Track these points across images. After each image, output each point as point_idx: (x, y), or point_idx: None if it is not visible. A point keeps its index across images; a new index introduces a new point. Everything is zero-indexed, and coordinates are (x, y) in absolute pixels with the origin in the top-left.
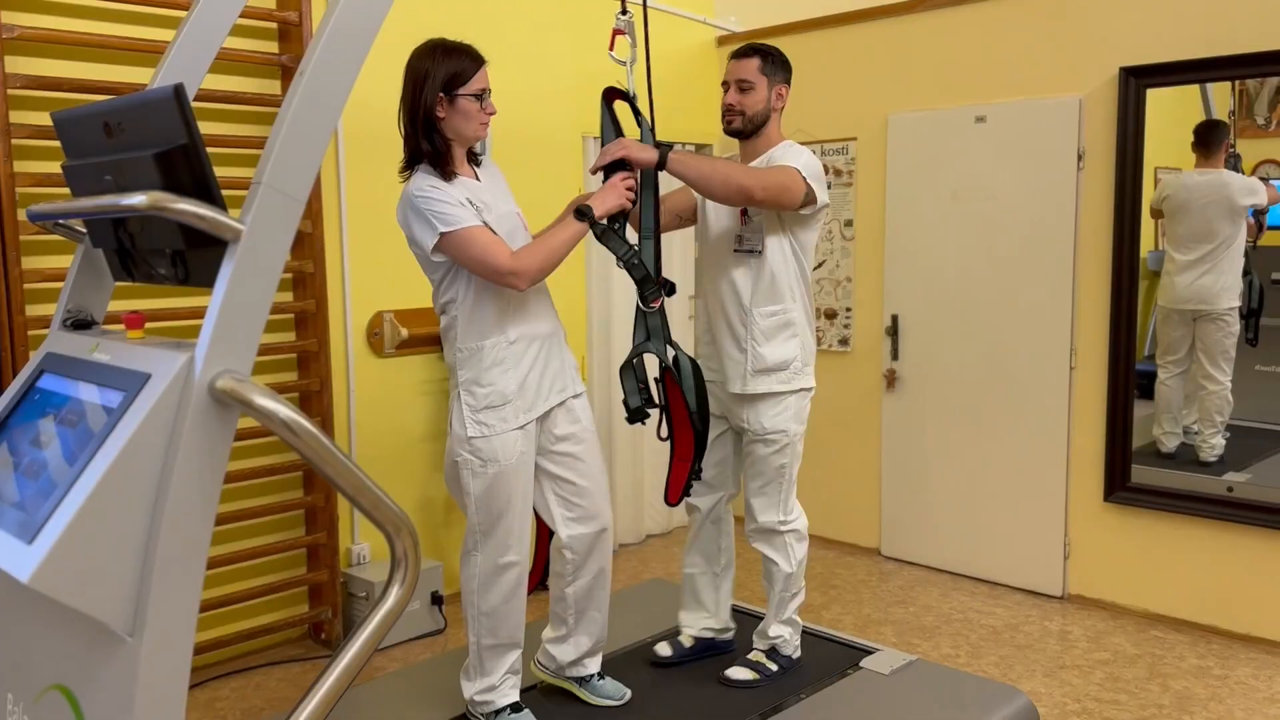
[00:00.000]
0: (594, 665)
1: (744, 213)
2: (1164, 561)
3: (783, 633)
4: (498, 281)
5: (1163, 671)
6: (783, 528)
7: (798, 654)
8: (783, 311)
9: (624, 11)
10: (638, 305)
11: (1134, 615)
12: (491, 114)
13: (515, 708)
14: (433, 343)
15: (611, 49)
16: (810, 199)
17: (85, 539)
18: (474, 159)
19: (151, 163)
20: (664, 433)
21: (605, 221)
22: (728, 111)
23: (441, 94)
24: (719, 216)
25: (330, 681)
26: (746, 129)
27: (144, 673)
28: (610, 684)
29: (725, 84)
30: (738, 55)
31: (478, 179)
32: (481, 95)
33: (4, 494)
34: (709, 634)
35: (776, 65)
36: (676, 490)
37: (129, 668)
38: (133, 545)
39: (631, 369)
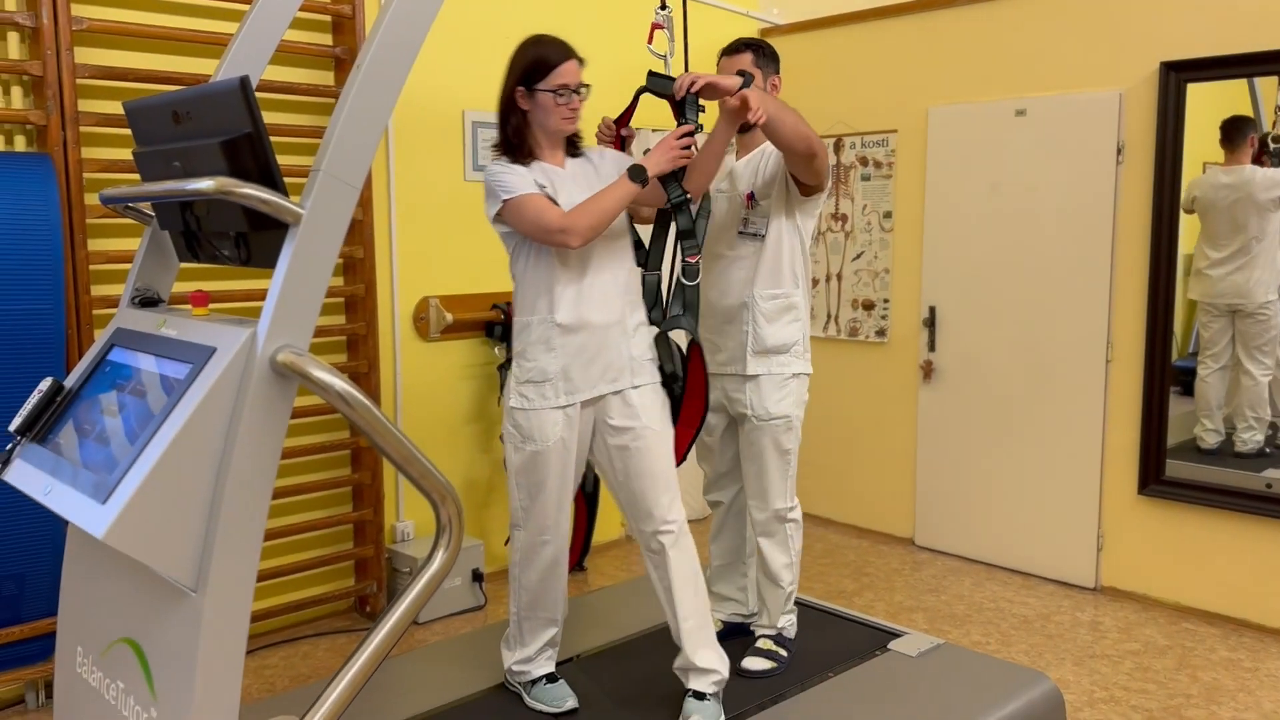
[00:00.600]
0: (698, 683)
1: (750, 196)
2: (1197, 555)
3: (788, 620)
4: (552, 241)
5: (1192, 663)
6: (788, 515)
7: (795, 630)
8: (785, 296)
9: (663, 6)
10: (678, 278)
11: (1166, 608)
12: (574, 109)
13: (550, 678)
14: (476, 328)
15: (650, 42)
16: (825, 184)
17: (155, 499)
18: (574, 149)
19: (218, 150)
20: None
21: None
22: None
23: (521, 86)
24: (721, 200)
25: (379, 638)
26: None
27: (207, 625)
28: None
29: None
30: (730, 52)
31: (564, 167)
32: (560, 90)
33: (78, 458)
34: (737, 618)
35: (768, 57)
36: (680, 452)
37: (193, 621)
38: (199, 505)
39: (666, 339)
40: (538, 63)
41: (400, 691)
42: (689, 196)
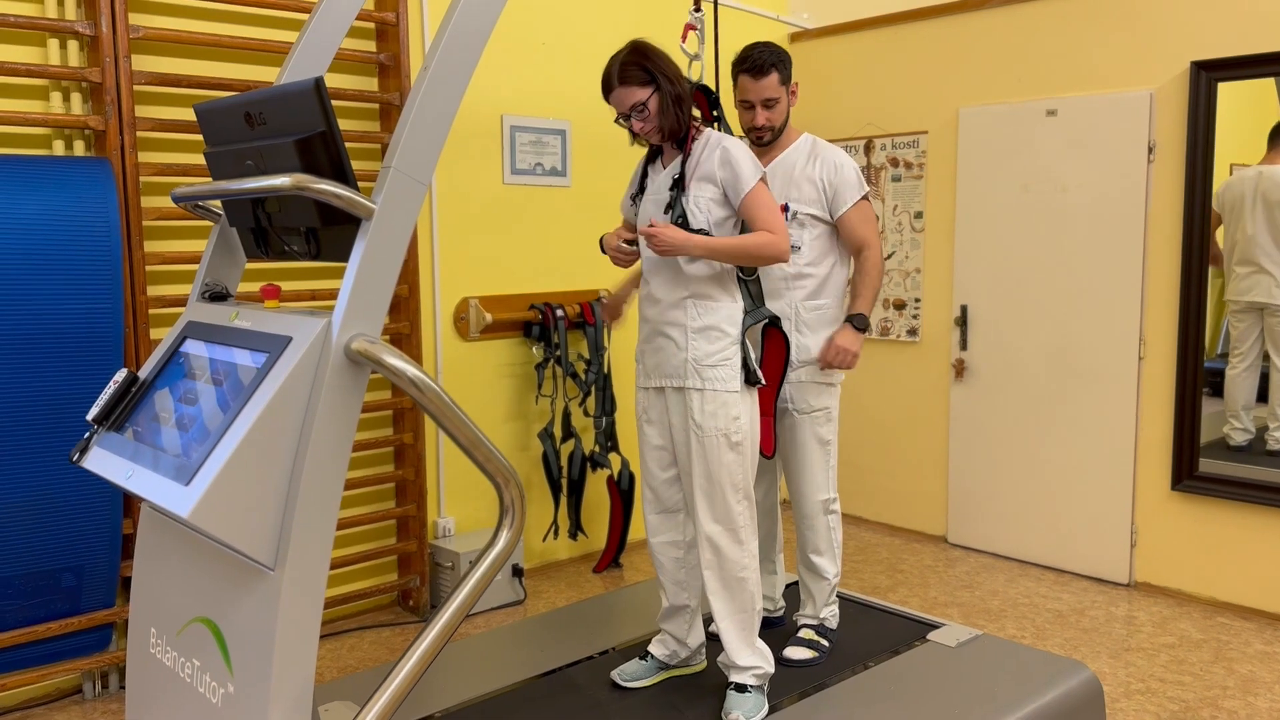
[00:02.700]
0: (739, 676)
1: (784, 208)
2: (1231, 550)
3: (831, 610)
4: None
5: (1228, 656)
6: (830, 506)
7: (838, 621)
8: (827, 308)
9: (697, 8)
10: (738, 275)
11: (1200, 602)
12: (638, 130)
13: (642, 655)
14: (515, 328)
15: (684, 42)
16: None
17: (237, 480)
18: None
19: (292, 148)
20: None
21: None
22: (758, 130)
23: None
24: None
25: (449, 612)
26: (775, 138)
27: (285, 601)
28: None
29: (748, 103)
30: (755, 73)
31: (663, 165)
32: (625, 116)
33: (158, 443)
34: (765, 613)
35: (788, 67)
36: (769, 441)
37: (271, 598)
38: (278, 486)
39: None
40: (603, 92)
41: (444, 681)
42: None
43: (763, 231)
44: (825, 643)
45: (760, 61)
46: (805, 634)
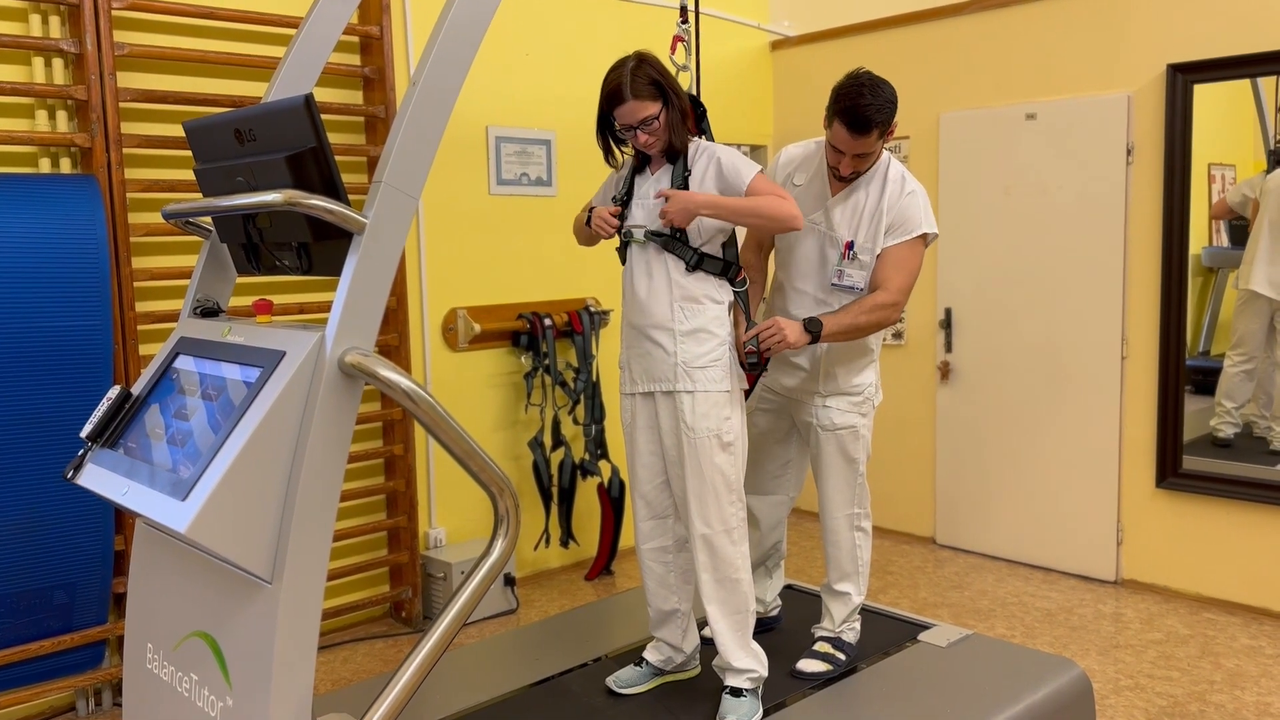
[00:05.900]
0: (734, 680)
1: (849, 246)
2: (1216, 546)
3: (848, 625)
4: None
5: (1215, 651)
6: (859, 523)
7: (858, 637)
8: (863, 341)
9: (684, 20)
10: (731, 288)
11: (1186, 598)
12: (642, 143)
13: (637, 662)
14: (503, 338)
15: (672, 53)
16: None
17: (234, 494)
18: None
19: (283, 164)
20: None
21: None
22: (841, 175)
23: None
24: (811, 233)
25: (447, 621)
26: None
27: (283, 614)
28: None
29: (836, 149)
30: (855, 129)
31: (651, 173)
32: (630, 128)
33: (152, 459)
34: (756, 614)
35: (890, 117)
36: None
37: (269, 611)
38: (274, 500)
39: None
40: (606, 108)
41: (439, 691)
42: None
43: (771, 196)
44: (841, 656)
45: (864, 118)
46: (821, 647)
